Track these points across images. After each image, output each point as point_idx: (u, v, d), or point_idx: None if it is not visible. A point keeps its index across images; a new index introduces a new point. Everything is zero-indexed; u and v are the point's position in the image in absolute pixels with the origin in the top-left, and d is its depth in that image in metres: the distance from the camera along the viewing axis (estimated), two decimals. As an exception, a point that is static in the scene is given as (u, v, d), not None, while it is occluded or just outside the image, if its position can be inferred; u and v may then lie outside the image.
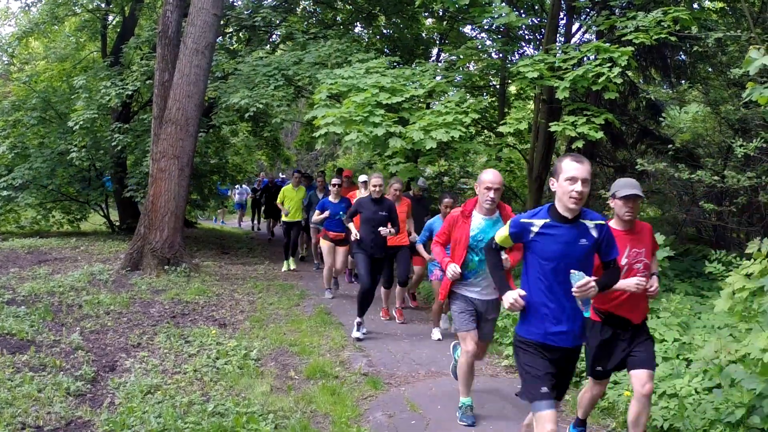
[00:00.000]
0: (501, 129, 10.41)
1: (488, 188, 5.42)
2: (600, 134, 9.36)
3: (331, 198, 10.93)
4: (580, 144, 9.65)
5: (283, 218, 13.76)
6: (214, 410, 5.42)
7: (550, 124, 9.96)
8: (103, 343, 7.49)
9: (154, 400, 5.61)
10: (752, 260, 5.62)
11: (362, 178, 11.36)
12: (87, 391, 5.87)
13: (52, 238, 16.03)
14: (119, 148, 16.15)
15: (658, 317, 6.82)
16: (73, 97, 17.17)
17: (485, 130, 14.65)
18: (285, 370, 6.98)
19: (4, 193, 16.25)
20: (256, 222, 24.42)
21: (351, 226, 8.69)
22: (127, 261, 11.98)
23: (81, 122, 15.28)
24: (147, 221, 12.08)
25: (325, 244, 11.01)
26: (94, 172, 17.93)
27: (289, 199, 13.61)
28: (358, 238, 8.48)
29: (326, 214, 10.62)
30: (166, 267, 11.59)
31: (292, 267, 13.94)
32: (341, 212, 10.31)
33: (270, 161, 29.59)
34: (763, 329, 5.13)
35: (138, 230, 12.41)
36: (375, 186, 8.43)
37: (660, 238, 7.34)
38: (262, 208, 21.15)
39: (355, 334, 8.40)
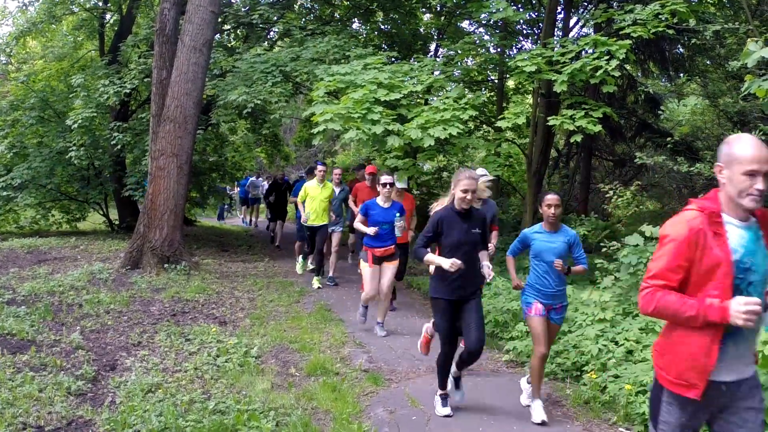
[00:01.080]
0: (499, 124, 10.41)
1: (751, 172, 2.94)
2: (598, 128, 9.37)
3: (379, 201, 8.32)
4: (578, 138, 9.66)
5: (303, 222, 11.35)
6: (215, 408, 5.41)
7: (549, 118, 9.97)
8: (104, 342, 7.49)
9: (155, 398, 5.60)
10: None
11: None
12: (88, 391, 5.86)
13: (52, 238, 16.03)
14: (118, 147, 16.15)
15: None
16: (71, 96, 17.16)
17: (484, 125, 14.66)
18: (286, 367, 6.97)
19: (4, 193, 16.28)
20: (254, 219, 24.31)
21: (432, 256, 5.62)
22: (127, 260, 11.98)
23: (79, 121, 15.28)
24: (146, 220, 12.07)
25: (367, 269, 8.27)
26: (93, 171, 17.92)
27: (312, 198, 11.16)
28: (455, 268, 5.34)
29: (372, 230, 8.17)
30: (165, 265, 11.59)
31: (316, 286, 11.39)
32: (393, 220, 8.15)
33: (269, 158, 29.57)
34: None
35: (137, 229, 12.40)
36: (466, 191, 5.46)
37: (659, 232, 7.36)
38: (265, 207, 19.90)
39: (442, 411, 5.72)
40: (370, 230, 8.19)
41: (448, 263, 5.31)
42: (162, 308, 9.27)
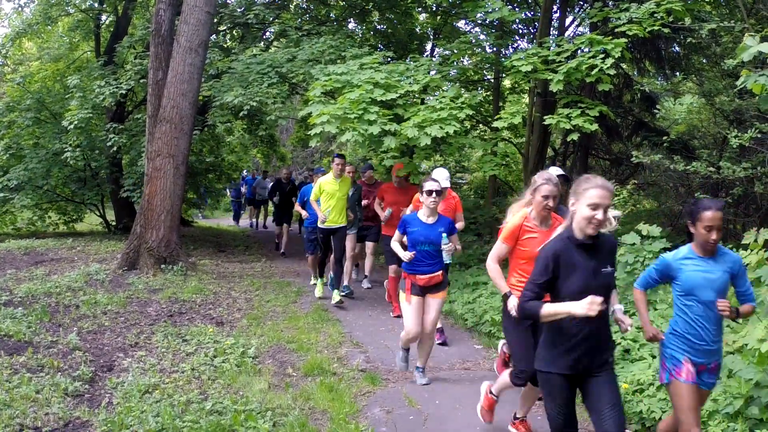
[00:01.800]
0: (496, 124, 10.41)
1: None
2: (595, 126, 9.37)
3: (422, 215, 6.40)
4: (575, 137, 9.66)
5: (320, 224, 9.97)
6: (212, 408, 5.41)
7: (545, 117, 9.97)
8: (101, 343, 7.48)
9: (152, 399, 5.60)
10: (749, 251, 5.63)
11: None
12: (85, 392, 5.86)
13: (49, 239, 16.00)
14: (114, 148, 16.13)
15: (655, 309, 6.82)
16: (67, 97, 17.15)
17: (480, 125, 14.67)
18: (283, 367, 6.97)
19: (0, 194, 16.24)
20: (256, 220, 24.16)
21: (557, 306, 3.69)
22: (124, 260, 11.96)
23: (75, 122, 15.25)
24: (143, 220, 12.05)
25: (406, 302, 6.45)
26: (90, 172, 17.91)
27: (329, 195, 9.82)
28: (597, 310, 3.49)
29: (407, 256, 6.32)
30: (162, 266, 11.57)
31: (322, 295, 10.35)
32: (438, 241, 6.26)
33: (265, 159, 29.56)
34: (761, 320, 5.13)
35: (134, 229, 12.39)
36: (596, 207, 3.65)
37: (656, 230, 7.35)
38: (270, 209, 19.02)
39: None
40: (405, 255, 6.34)
41: (584, 305, 3.47)
42: (159, 309, 9.26)
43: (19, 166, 16.47)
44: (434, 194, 6.24)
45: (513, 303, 4.43)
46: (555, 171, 5.83)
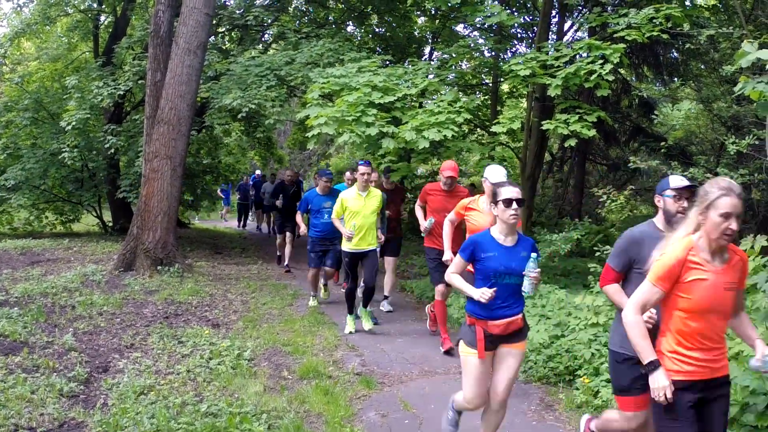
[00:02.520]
0: (494, 128, 10.41)
1: None
2: (592, 132, 9.37)
3: (496, 233, 4.42)
4: (573, 142, 9.66)
5: (345, 245, 8.34)
6: (207, 410, 5.40)
7: (543, 122, 9.97)
8: (96, 344, 7.46)
9: (147, 400, 5.59)
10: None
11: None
12: (80, 392, 5.85)
13: (45, 239, 15.99)
14: (112, 150, 16.12)
15: None
16: (65, 97, 17.17)
17: (478, 129, 14.69)
18: (278, 369, 6.96)
19: (-3, 194, 16.26)
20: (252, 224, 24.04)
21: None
22: (120, 262, 11.95)
23: (73, 122, 15.25)
24: (140, 221, 12.05)
25: (470, 359, 4.43)
26: (87, 172, 17.92)
27: (353, 212, 8.20)
28: None
29: (484, 294, 4.21)
30: (159, 267, 11.55)
31: (367, 327, 8.61)
32: (520, 266, 4.31)
33: (263, 161, 29.56)
34: (756, 326, 5.13)
35: (131, 231, 12.38)
36: None
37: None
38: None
39: None
40: (477, 293, 4.27)
41: None
42: (155, 310, 9.25)
43: (17, 165, 16.47)
44: (515, 204, 4.29)
45: (661, 383, 3.23)
46: (679, 181, 4.09)
